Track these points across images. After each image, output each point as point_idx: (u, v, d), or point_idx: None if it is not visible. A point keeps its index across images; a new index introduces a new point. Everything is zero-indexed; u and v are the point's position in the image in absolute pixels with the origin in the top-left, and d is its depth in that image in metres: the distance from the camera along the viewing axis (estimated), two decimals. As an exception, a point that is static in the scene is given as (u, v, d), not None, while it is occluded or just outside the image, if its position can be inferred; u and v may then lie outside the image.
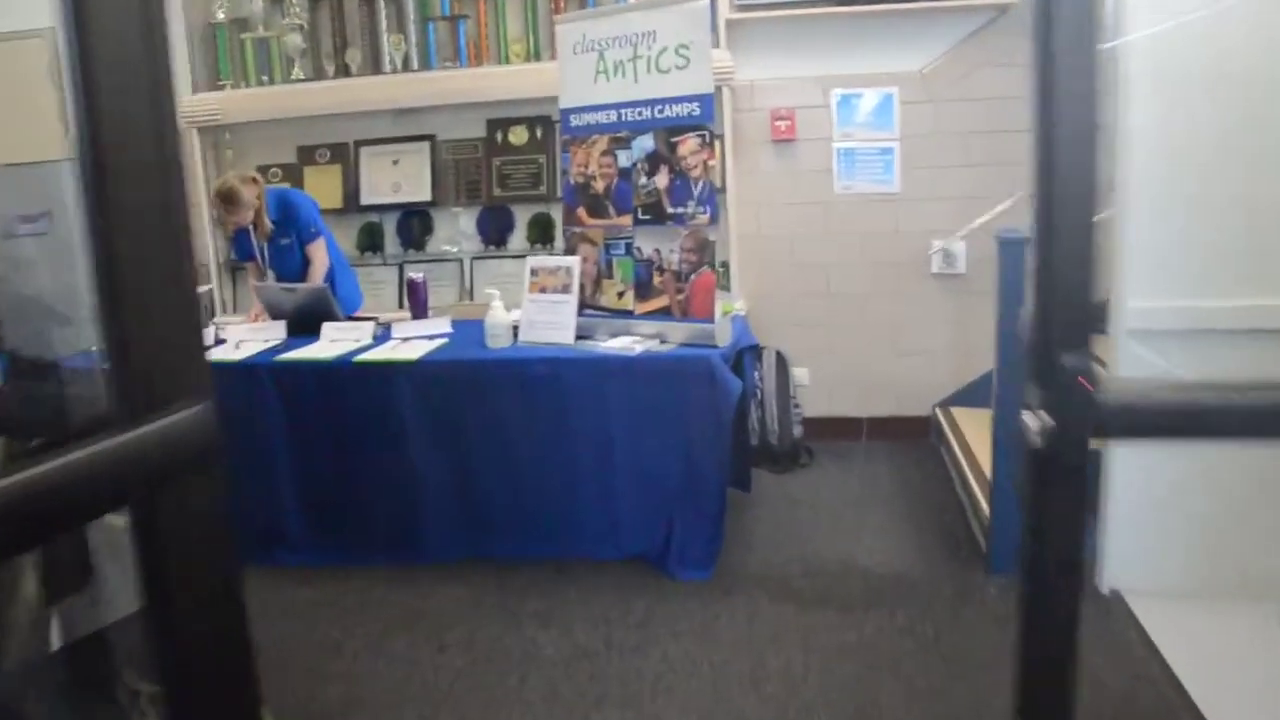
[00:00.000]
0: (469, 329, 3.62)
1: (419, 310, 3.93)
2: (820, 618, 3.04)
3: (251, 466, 3.54)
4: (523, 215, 4.80)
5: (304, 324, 3.87)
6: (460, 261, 4.86)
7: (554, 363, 3.27)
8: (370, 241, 4.94)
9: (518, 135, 4.72)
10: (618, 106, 3.41)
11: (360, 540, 3.58)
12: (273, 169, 4.88)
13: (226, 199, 3.90)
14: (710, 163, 3.22)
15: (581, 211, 3.54)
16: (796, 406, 4.55)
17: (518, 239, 4.82)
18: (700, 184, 3.22)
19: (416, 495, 3.45)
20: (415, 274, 3.93)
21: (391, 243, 4.94)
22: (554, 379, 3.27)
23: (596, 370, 3.25)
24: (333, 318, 3.83)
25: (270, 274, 4.28)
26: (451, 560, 3.52)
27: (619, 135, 3.42)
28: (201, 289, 4.22)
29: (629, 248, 3.41)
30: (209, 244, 4.70)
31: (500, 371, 3.31)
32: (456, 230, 4.89)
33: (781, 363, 4.56)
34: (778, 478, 4.36)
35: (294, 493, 3.56)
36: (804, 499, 4.07)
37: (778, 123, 4.53)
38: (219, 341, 3.83)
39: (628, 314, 3.42)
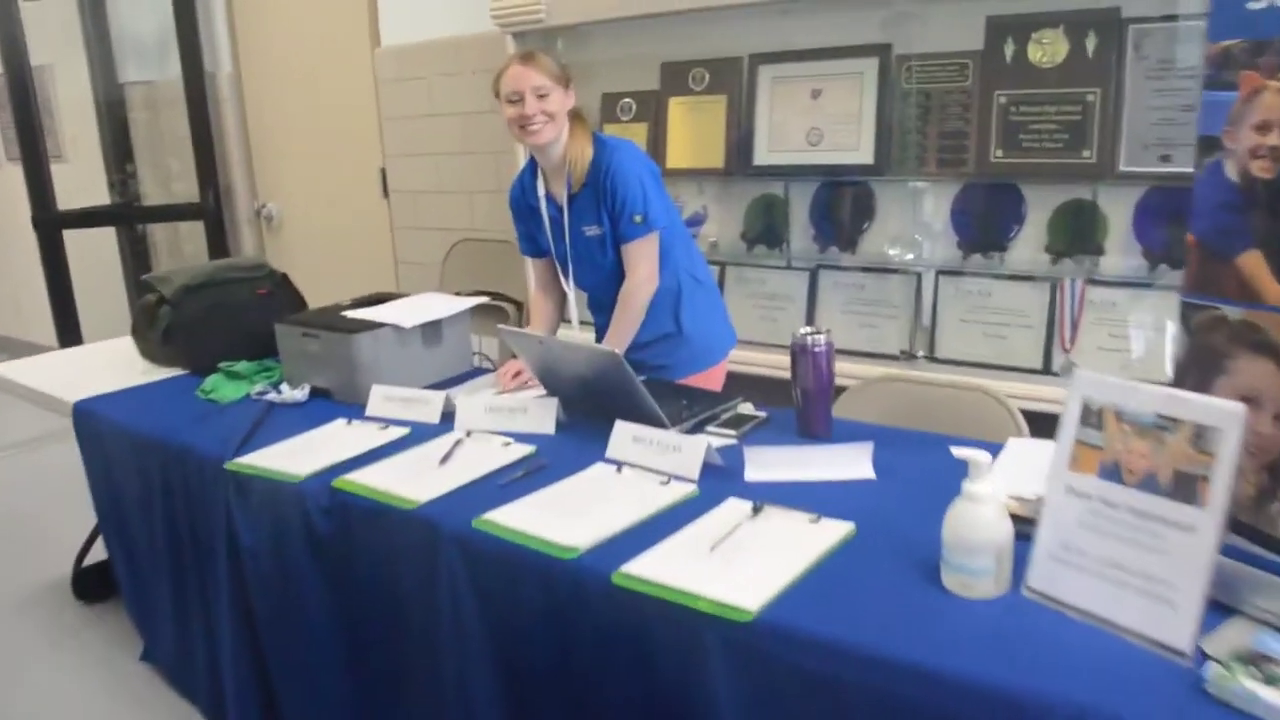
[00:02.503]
0: (915, 460, 1.52)
1: (814, 413, 1.90)
2: None
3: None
4: (1043, 201, 2.55)
5: (600, 405, 2.02)
6: (917, 277, 2.74)
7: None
8: (765, 227, 2.97)
9: (1047, 47, 2.46)
10: None
11: None
12: (624, 99, 3.06)
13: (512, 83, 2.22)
14: None
15: (1250, 261, 1.27)
16: None
17: (1026, 245, 2.59)
18: None
19: None
20: (813, 336, 1.89)
21: (801, 233, 2.93)
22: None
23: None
24: (640, 411, 1.93)
25: (570, 286, 2.48)
26: None
27: None
28: (469, 303, 2.53)
29: None
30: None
31: (940, 706, 1.20)
32: (915, 219, 2.76)
33: None
34: None
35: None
36: None
37: None
38: (442, 422, 2.13)
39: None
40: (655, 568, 1.44)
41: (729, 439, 1.93)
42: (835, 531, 1.52)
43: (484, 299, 2.69)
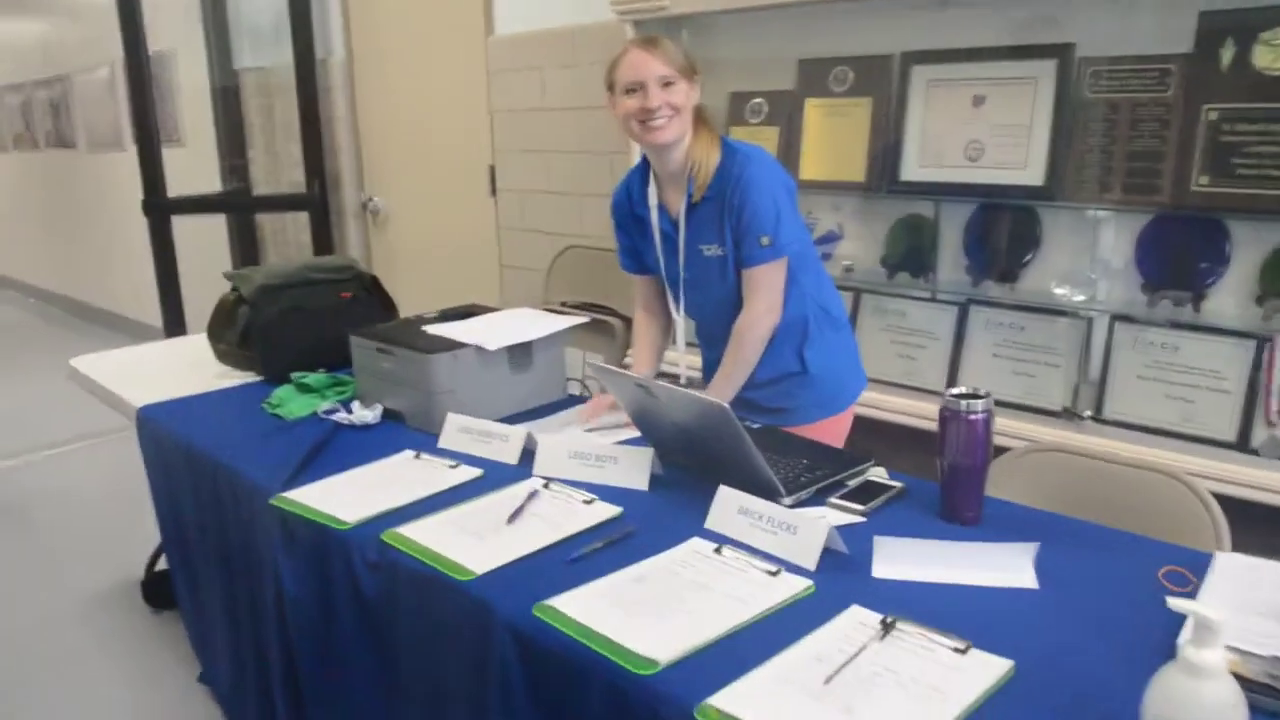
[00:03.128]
0: (1088, 566, 1.19)
1: (963, 494, 1.54)
2: None
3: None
4: (1255, 241, 2.11)
5: (704, 460, 1.71)
6: (1088, 322, 2.33)
7: None
8: (910, 252, 2.60)
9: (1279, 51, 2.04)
10: None
11: None
12: (754, 99, 2.73)
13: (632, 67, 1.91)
14: None
15: None
16: None
17: (1229, 294, 2.15)
18: None
19: None
20: (970, 400, 1.52)
21: (951, 261, 2.55)
22: None
23: None
24: (749, 473, 1.60)
25: (679, 312, 2.17)
26: None
27: None
28: (566, 323, 2.26)
29: None
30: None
31: None
32: (1090, 253, 2.34)
33: None
34: None
35: None
36: None
37: None
38: (521, 463, 1.85)
39: None
40: (754, 706, 1.11)
41: (855, 516, 1.58)
42: (988, 670, 1.15)
43: (583, 318, 2.39)
